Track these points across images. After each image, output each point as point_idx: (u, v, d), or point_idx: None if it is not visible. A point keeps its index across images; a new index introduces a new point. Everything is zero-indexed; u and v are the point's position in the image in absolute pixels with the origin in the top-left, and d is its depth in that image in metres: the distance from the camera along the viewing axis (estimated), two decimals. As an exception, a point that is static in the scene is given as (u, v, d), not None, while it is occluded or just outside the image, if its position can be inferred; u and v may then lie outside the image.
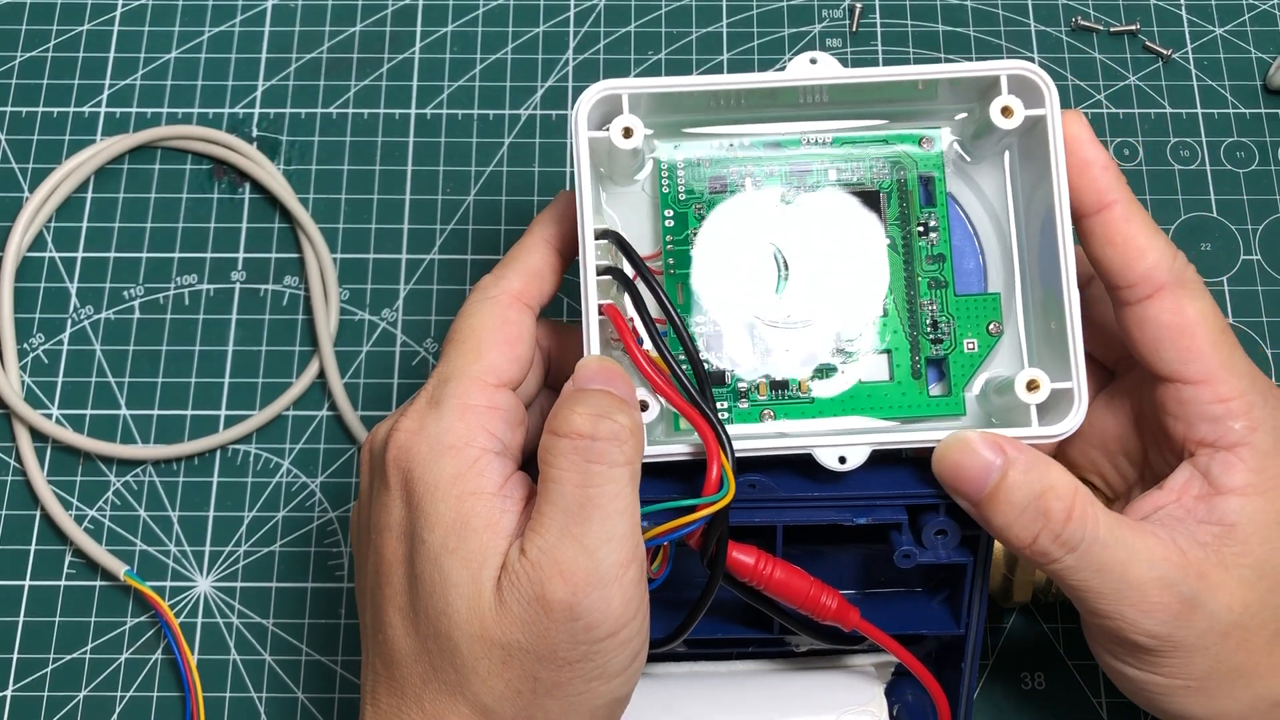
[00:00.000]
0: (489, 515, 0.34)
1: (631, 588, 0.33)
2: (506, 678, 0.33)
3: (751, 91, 0.39)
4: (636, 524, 0.33)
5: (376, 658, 0.36)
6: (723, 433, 0.35)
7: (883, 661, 0.42)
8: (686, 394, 0.35)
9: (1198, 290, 0.37)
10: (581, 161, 0.37)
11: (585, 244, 0.37)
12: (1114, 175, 0.37)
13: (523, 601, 0.33)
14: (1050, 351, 0.39)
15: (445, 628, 0.33)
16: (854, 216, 0.40)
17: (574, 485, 0.33)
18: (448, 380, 0.36)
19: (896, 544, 0.38)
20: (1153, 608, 0.35)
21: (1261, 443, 0.36)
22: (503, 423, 0.36)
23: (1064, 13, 0.57)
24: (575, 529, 0.32)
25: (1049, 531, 0.35)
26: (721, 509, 0.34)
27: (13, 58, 0.57)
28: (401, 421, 0.36)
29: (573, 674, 0.33)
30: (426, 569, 0.34)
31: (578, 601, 0.32)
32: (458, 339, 0.37)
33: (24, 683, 0.48)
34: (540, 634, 0.32)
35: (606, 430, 0.33)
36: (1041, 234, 0.39)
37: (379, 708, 0.35)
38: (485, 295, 0.38)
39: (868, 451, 0.37)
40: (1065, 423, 0.37)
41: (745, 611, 0.41)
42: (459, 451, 0.34)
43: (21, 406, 0.50)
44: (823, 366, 0.40)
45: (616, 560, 0.32)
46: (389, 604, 0.35)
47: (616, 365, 0.36)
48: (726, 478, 0.34)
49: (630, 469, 0.34)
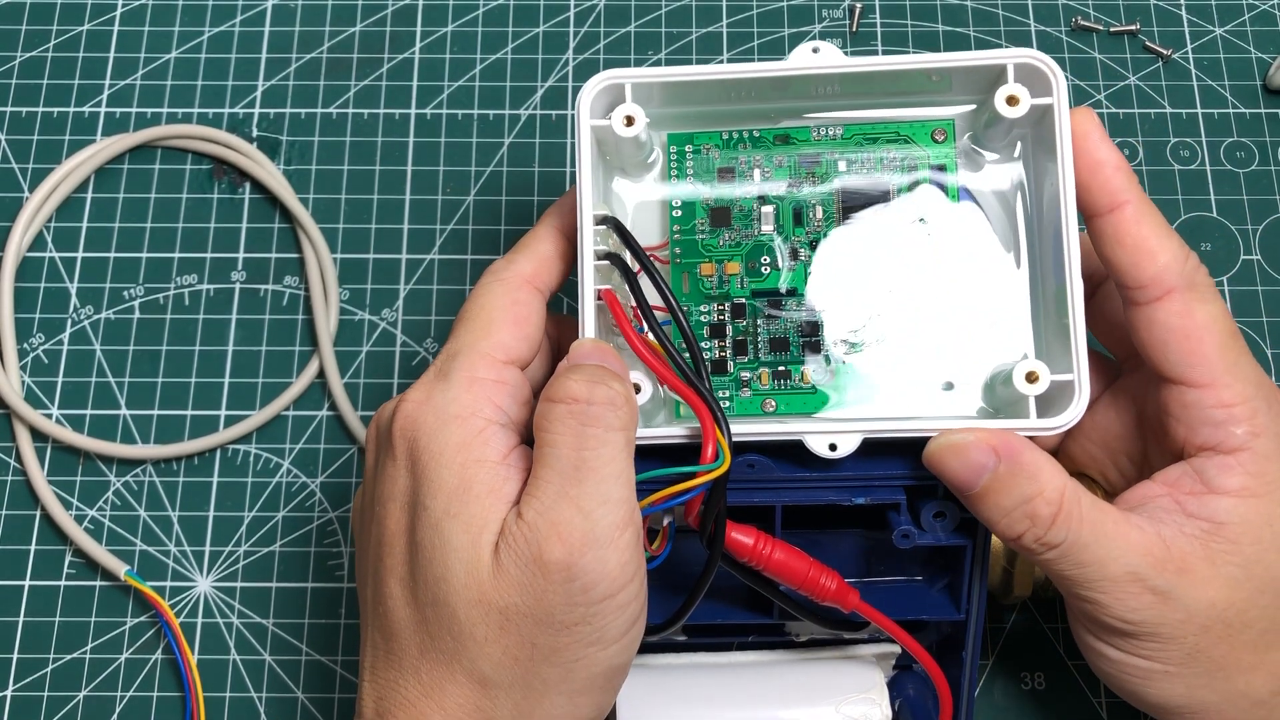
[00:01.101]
0: (491, 481, 0.34)
1: (627, 550, 0.33)
2: (504, 644, 0.33)
3: (758, 82, 0.39)
4: (632, 489, 0.34)
5: (376, 631, 0.36)
6: (717, 409, 0.35)
7: (884, 652, 0.42)
8: (681, 373, 0.36)
9: (1208, 293, 0.37)
10: (582, 147, 0.38)
11: (584, 229, 0.37)
12: (1126, 175, 0.37)
13: (520, 563, 0.33)
14: (1060, 345, 0.39)
15: (443, 594, 0.34)
16: (863, 207, 0.40)
17: (569, 449, 0.33)
18: (456, 355, 0.36)
19: (895, 524, 0.38)
20: (1127, 595, 0.35)
21: (1262, 448, 0.36)
22: (509, 397, 0.36)
23: (1064, 13, 0.57)
24: (571, 490, 0.33)
25: (1033, 534, 0.36)
26: (718, 478, 0.35)
27: (13, 58, 0.57)
28: (409, 393, 0.36)
29: (570, 638, 0.33)
30: (427, 535, 0.34)
31: (574, 562, 0.32)
32: (468, 316, 0.37)
33: (24, 683, 0.48)
34: (537, 596, 0.33)
35: (602, 395, 0.34)
36: (1048, 224, 0.39)
37: (377, 680, 0.35)
38: (497, 277, 0.38)
39: (858, 440, 0.37)
40: (1064, 415, 0.37)
41: (745, 596, 0.41)
42: (465, 421, 0.35)
43: (22, 406, 0.50)
44: (827, 356, 0.40)
45: (612, 522, 0.33)
46: (390, 575, 0.35)
47: (610, 347, 0.36)
48: (722, 449, 0.35)
49: (625, 435, 0.34)
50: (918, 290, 0.40)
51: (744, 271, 0.40)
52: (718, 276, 0.40)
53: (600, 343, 0.37)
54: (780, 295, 0.40)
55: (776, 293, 0.40)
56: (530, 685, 0.34)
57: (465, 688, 0.34)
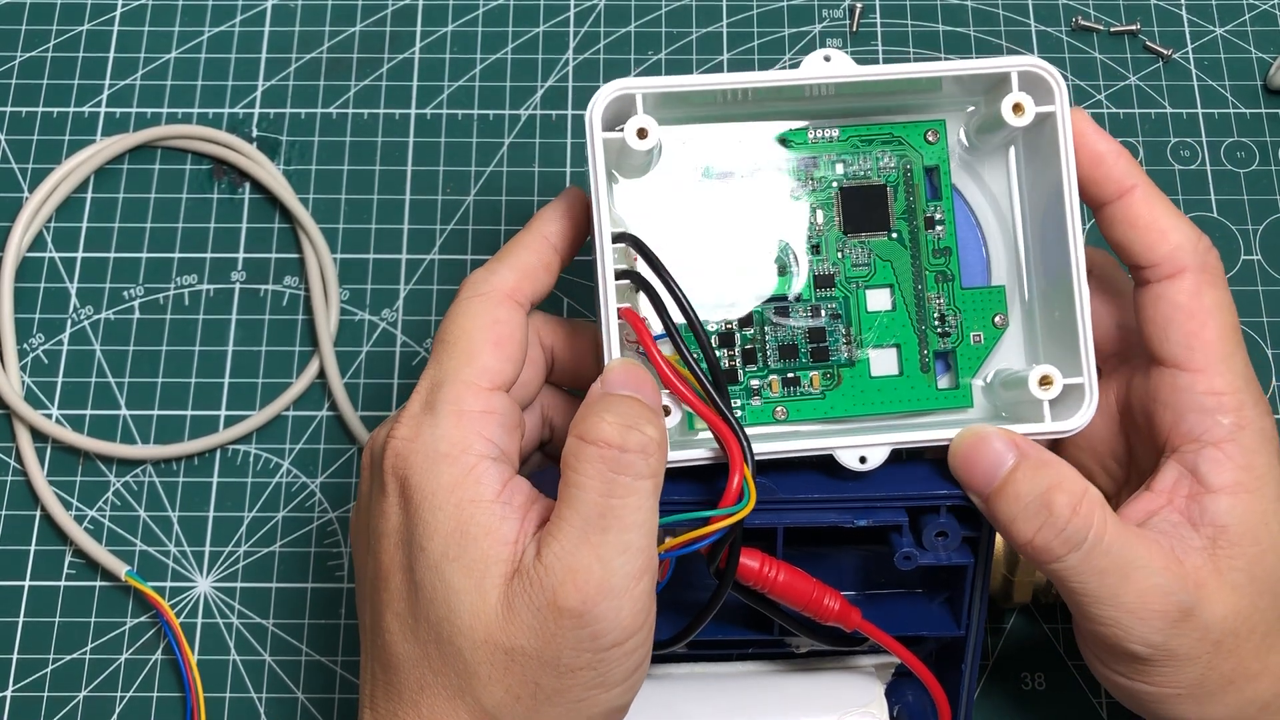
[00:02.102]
0: (488, 522, 0.34)
1: (642, 599, 0.33)
2: (507, 683, 0.33)
3: (770, 90, 0.39)
4: (653, 536, 0.33)
5: (375, 662, 0.36)
6: (744, 439, 0.34)
7: (883, 662, 0.42)
8: (709, 399, 0.35)
9: (1218, 279, 0.37)
10: (598, 165, 0.37)
11: (603, 248, 0.36)
12: (1128, 161, 0.37)
13: (533, 606, 0.32)
14: (1054, 343, 0.39)
15: (448, 633, 0.33)
16: (863, 211, 0.40)
17: (597, 494, 0.32)
18: (441, 385, 0.36)
19: (897, 546, 0.38)
20: (1151, 615, 0.35)
21: (1248, 441, 0.36)
22: (498, 427, 0.35)
23: (1064, 13, 0.57)
24: (594, 538, 0.32)
25: (1052, 526, 0.35)
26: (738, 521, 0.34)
27: (13, 58, 0.57)
28: (397, 429, 0.36)
29: (574, 681, 0.33)
30: (427, 576, 0.34)
31: (588, 610, 0.32)
32: (449, 340, 0.36)
33: (24, 683, 0.48)
34: (547, 640, 0.32)
35: (635, 442, 0.33)
36: (1044, 226, 0.39)
37: (377, 712, 0.35)
38: (475, 291, 0.37)
39: (888, 451, 0.37)
40: (1076, 418, 0.37)
41: (745, 613, 0.41)
42: (455, 459, 0.34)
43: (22, 406, 0.50)
44: (834, 361, 0.40)
45: (630, 571, 0.32)
46: (387, 609, 0.35)
47: (644, 370, 0.35)
48: (748, 488, 0.34)
49: (654, 482, 0.33)
50: (918, 293, 0.40)
51: None
52: None
53: (633, 365, 0.35)
54: (786, 301, 0.40)
55: (783, 299, 0.40)
56: None
57: None
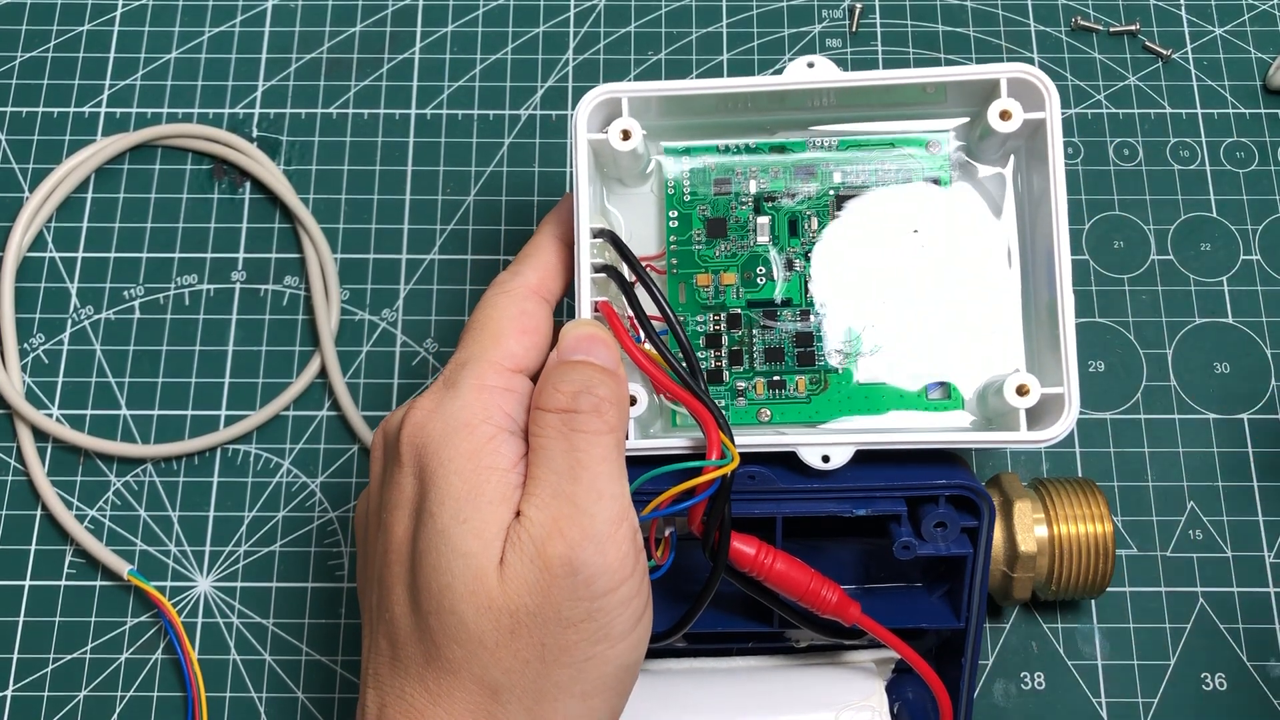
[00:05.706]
0: (502, 489, 0.34)
1: (625, 544, 0.34)
2: (514, 648, 0.33)
3: (754, 96, 0.39)
4: (625, 485, 0.35)
5: (381, 638, 0.36)
6: (717, 411, 0.35)
7: (883, 658, 0.42)
8: (680, 379, 0.36)
9: None
10: (580, 163, 0.38)
11: (581, 242, 0.38)
12: None
13: (524, 561, 0.33)
14: (1052, 357, 0.39)
15: (449, 602, 0.34)
16: (858, 218, 0.40)
17: (561, 451, 0.34)
18: (464, 364, 0.37)
19: (896, 535, 0.38)
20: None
21: None
22: (518, 405, 0.36)
23: (1064, 13, 0.57)
24: (567, 488, 0.34)
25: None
26: (726, 476, 0.35)
27: (13, 58, 0.57)
28: (417, 402, 0.36)
29: (577, 635, 0.33)
30: (431, 542, 0.34)
31: (575, 555, 0.33)
32: (475, 326, 0.38)
33: (24, 683, 0.48)
34: (543, 593, 0.33)
35: (587, 404, 0.34)
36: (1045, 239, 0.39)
37: (381, 687, 0.35)
38: (503, 289, 0.38)
39: (851, 451, 0.38)
40: (1054, 429, 0.37)
41: (745, 605, 0.41)
42: (474, 429, 0.35)
43: (23, 406, 0.50)
44: (821, 367, 0.40)
45: (608, 517, 0.33)
46: (397, 582, 0.35)
47: (599, 329, 0.37)
48: (728, 449, 0.35)
49: (614, 436, 0.35)
50: (912, 301, 0.40)
51: (740, 282, 0.41)
52: (714, 287, 0.41)
53: (588, 325, 0.37)
54: (775, 305, 0.40)
55: (772, 303, 0.40)
56: (542, 690, 0.34)
57: (475, 695, 0.34)
